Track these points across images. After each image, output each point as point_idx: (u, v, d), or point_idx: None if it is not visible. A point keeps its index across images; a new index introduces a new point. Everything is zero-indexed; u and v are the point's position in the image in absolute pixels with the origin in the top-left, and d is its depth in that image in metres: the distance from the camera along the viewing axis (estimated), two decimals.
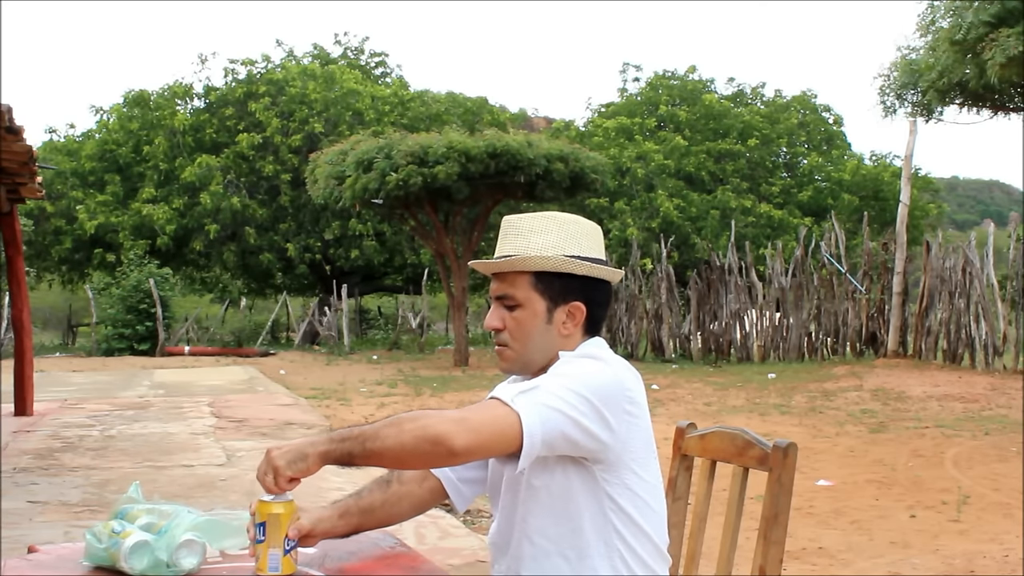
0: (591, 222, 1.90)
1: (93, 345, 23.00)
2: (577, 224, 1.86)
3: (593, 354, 1.78)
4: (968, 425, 9.14)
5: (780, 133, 28.64)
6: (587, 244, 1.84)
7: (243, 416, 10.01)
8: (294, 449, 1.63)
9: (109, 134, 26.77)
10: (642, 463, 1.75)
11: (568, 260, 1.80)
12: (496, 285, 1.85)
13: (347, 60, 30.38)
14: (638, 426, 1.73)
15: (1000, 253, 14.14)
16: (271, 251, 25.14)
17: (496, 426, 1.60)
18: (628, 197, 25.38)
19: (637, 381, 1.77)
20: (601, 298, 1.86)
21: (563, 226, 1.83)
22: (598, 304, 1.86)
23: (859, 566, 4.78)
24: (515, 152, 15.92)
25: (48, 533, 4.99)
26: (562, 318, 1.82)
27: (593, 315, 1.85)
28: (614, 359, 1.79)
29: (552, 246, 1.81)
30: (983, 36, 11.36)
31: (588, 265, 1.81)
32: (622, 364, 1.78)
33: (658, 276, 17.89)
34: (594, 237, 1.87)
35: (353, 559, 1.84)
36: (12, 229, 10.19)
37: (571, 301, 1.82)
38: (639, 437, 1.74)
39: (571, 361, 1.75)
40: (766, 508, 1.97)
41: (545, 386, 1.66)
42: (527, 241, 1.82)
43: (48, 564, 1.80)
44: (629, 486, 1.74)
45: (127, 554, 1.67)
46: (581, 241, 1.84)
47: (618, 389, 1.71)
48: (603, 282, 1.86)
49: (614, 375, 1.72)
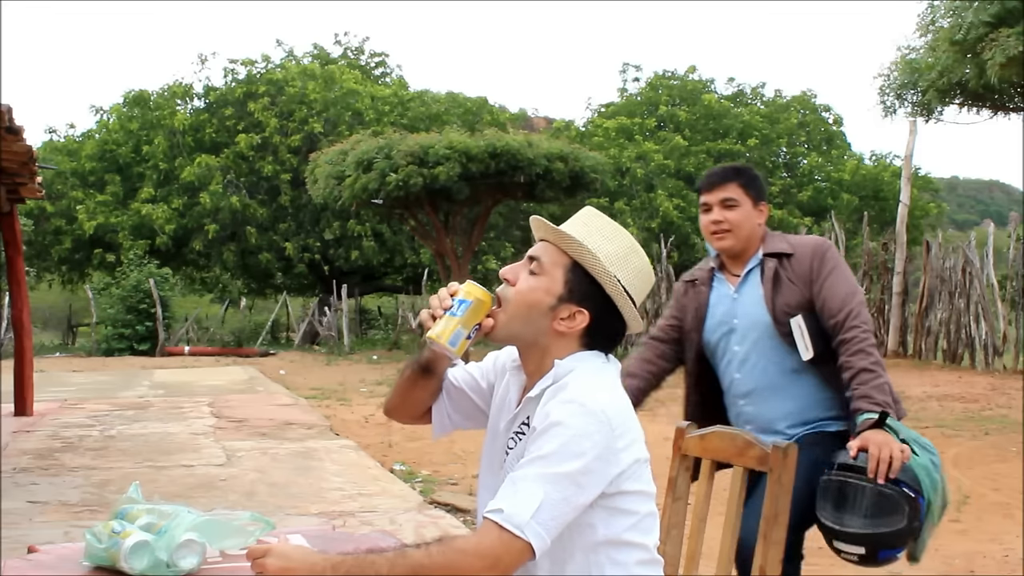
0: (651, 270, 1.89)
1: (93, 345, 22.99)
2: (640, 260, 1.85)
3: (577, 398, 1.69)
4: (968, 425, 9.14)
5: (780, 133, 28.66)
6: (636, 283, 1.82)
7: (243, 416, 10.00)
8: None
9: (109, 134, 26.77)
10: (633, 476, 1.72)
11: (612, 279, 1.78)
12: (539, 248, 1.84)
13: (347, 60, 30.37)
14: (628, 451, 1.70)
15: (1000, 253, 14.14)
16: (271, 251, 25.14)
17: (513, 561, 1.59)
18: (628, 197, 25.39)
19: (624, 408, 1.74)
20: (609, 330, 1.82)
21: (629, 255, 1.83)
22: (603, 332, 1.82)
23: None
24: (515, 152, 15.92)
25: (48, 533, 4.99)
26: (565, 314, 1.79)
27: (594, 332, 1.81)
28: (598, 392, 1.71)
29: (611, 258, 1.80)
30: (983, 36, 11.37)
31: (622, 295, 1.79)
32: (607, 397, 1.72)
33: (658, 276, 17.89)
34: (644, 281, 1.85)
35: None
36: (12, 229, 10.19)
37: (583, 306, 1.80)
38: (628, 459, 1.70)
39: (558, 425, 1.66)
40: (766, 508, 1.97)
41: (544, 489, 1.61)
42: (597, 239, 1.81)
43: (48, 564, 1.80)
44: (617, 506, 1.72)
45: (127, 554, 1.67)
46: (633, 277, 1.82)
47: (607, 444, 1.66)
48: (620, 318, 1.82)
49: (600, 427, 1.66)
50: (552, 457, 1.62)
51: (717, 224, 2.92)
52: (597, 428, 1.65)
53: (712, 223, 2.93)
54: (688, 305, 3.04)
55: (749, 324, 2.87)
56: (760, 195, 2.96)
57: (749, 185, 2.94)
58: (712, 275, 3.02)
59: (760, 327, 2.85)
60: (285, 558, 1.60)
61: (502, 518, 1.58)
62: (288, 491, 6.11)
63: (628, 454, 1.69)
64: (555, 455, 1.62)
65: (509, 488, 1.62)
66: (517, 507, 1.59)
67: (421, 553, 1.57)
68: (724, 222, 2.91)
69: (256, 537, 1.89)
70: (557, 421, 1.66)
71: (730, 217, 2.91)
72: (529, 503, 1.59)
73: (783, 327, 2.80)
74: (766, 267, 2.89)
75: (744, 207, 2.91)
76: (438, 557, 1.56)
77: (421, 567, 1.56)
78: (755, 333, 2.86)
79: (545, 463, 1.62)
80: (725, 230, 2.91)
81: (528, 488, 1.60)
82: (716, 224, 2.92)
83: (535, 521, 1.58)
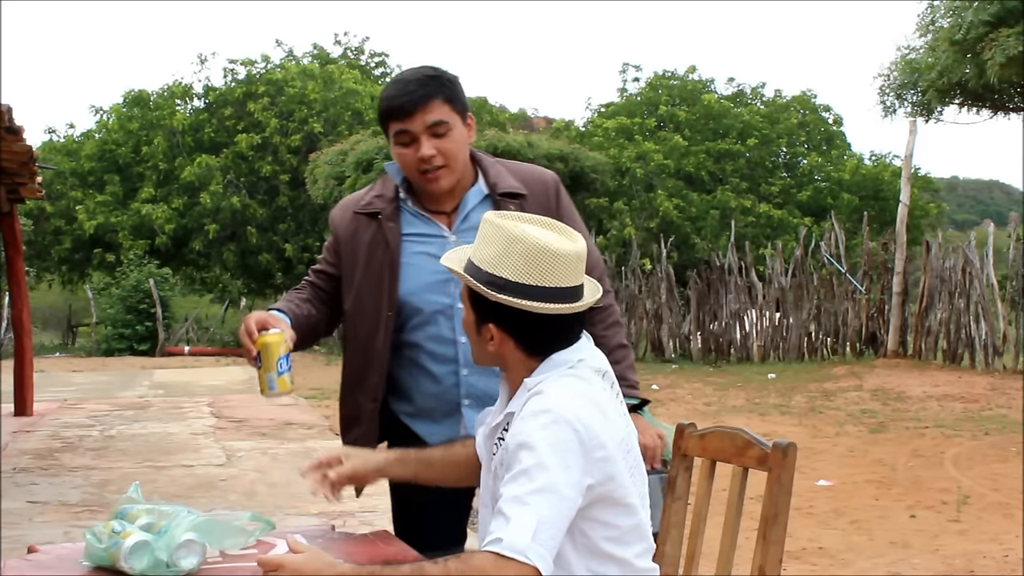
0: (550, 241, 1.71)
1: (93, 345, 22.99)
2: (524, 244, 1.69)
3: (549, 409, 1.64)
4: (968, 425, 9.14)
5: (780, 133, 28.65)
6: (526, 266, 1.68)
7: (243, 416, 10.01)
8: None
9: (109, 134, 26.78)
10: (611, 487, 1.69)
11: (482, 288, 1.70)
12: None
13: (347, 60, 30.37)
14: (607, 461, 1.67)
15: (1000, 253, 14.13)
16: (270, 251, 25.15)
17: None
18: (628, 197, 25.37)
19: (597, 415, 1.69)
20: (538, 328, 1.72)
21: (511, 246, 1.69)
22: (534, 333, 1.73)
23: (859, 566, 4.78)
24: (516, 152, 15.90)
25: (48, 533, 4.99)
26: (488, 336, 1.76)
27: (526, 337, 1.74)
28: (569, 400, 1.66)
29: (490, 262, 1.71)
30: (983, 36, 11.37)
31: (512, 297, 1.68)
32: (578, 404, 1.67)
33: (658, 276, 17.86)
34: (537, 259, 1.68)
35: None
36: (12, 229, 10.20)
37: (491, 322, 1.74)
38: (605, 469, 1.67)
39: (533, 440, 1.62)
40: (766, 508, 1.97)
41: (535, 509, 1.57)
42: (472, 251, 1.77)
43: (48, 564, 1.80)
44: (602, 520, 1.70)
45: (127, 554, 1.68)
46: (523, 263, 1.68)
47: (584, 452, 1.63)
48: (537, 313, 1.70)
49: (574, 435, 1.62)
50: (534, 473, 1.60)
51: (429, 161, 2.23)
52: (571, 437, 1.62)
53: (421, 161, 2.23)
54: (358, 249, 2.34)
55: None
56: (465, 105, 2.29)
57: (454, 96, 2.25)
58: (399, 207, 2.35)
59: None
60: (299, 572, 1.59)
61: (502, 547, 1.55)
62: (288, 491, 6.11)
63: (606, 464, 1.67)
64: (536, 471, 1.60)
65: (501, 516, 1.59)
66: (514, 533, 1.56)
67: (439, 568, 1.56)
68: (438, 156, 2.23)
69: (256, 537, 1.89)
70: (526, 437, 1.63)
71: (445, 148, 2.23)
72: (526, 527, 1.56)
73: None
74: (504, 210, 2.22)
75: (456, 129, 2.25)
76: (456, 572, 1.55)
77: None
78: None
79: (529, 482, 1.60)
80: (441, 166, 2.24)
81: (519, 512, 1.58)
82: (428, 161, 2.23)
83: (536, 543, 1.56)
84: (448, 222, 2.33)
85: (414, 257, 2.29)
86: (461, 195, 2.33)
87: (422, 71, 2.27)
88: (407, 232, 2.32)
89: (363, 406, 2.36)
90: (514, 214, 1.80)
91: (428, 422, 2.36)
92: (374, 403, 2.35)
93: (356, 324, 2.35)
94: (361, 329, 2.33)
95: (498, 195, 2.32)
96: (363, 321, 2.32)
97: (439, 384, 2.31)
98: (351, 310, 2.35)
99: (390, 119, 2.25)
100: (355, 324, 2.35)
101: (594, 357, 1.80)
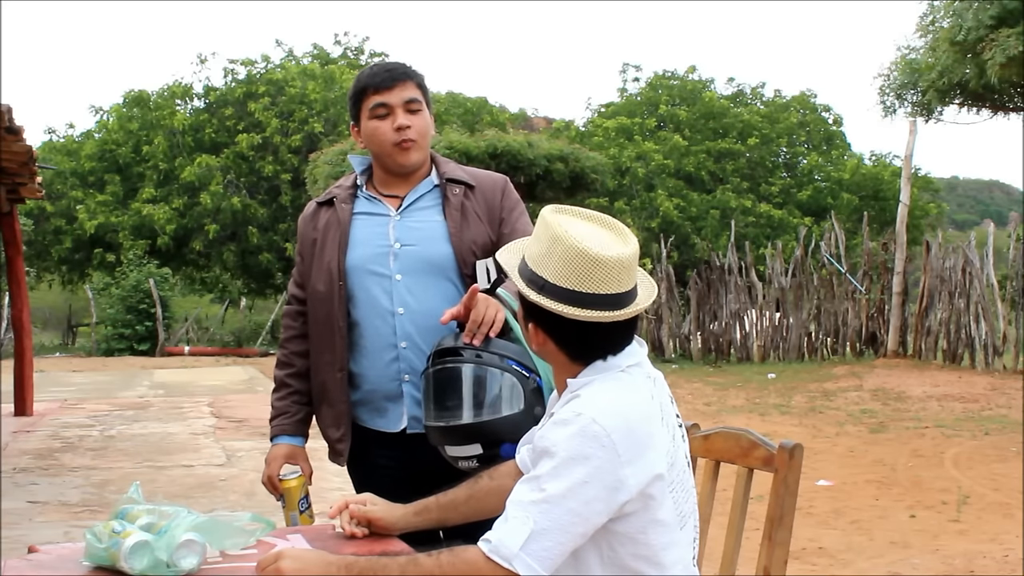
0: (590, 246, 1.63)
1: (93, 345, 22.99)
2: (564, 245, 1.63)
3: (577, 419, 1.58)
4: (968, 425, 9.13)
5: (780, 133, 28.65)
6: (565, 270, 1.62)
7: (243, 416, 10.00)
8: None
9: (109, 134, 26.76)
10: (644, 504, 1.63)
11: (528, 281, 1.67)
12: None
13: (347, 60, 30.35)
14: (638, 476, 1.60)
15: (1000, 253, 14.14)
16: (271, 251, 25.14)
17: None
18: (628, 197, 25.37)
19: (637, 427, 1.62)
20: (566, 332, 1.67)
21: (552, 246, 1.64)
22: (572, 336, 1.67)
23: (859, 566, 4.77)
24: (516, 152, 15.89)
25: (48, 533, 4.99)
26: (532, 333, 1.73)
27: (565, 340, 1.69)
28: (605, 411, 1.59)
29: (536, 259, 1.67)
30: (983, 36, 11.37)
31: (549, 299, 1.63)
32: (614, 416, 1.59)
33: (658, 276, 17.85)
34: (574, 262, 1.62)
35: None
36: (12, 229, 10.20)
37: (530, 321, 1.71)
38: (637, 485, 1.61)
39: (551, 447, 1.59)
40: (771, 509, 1.96)
41: (533, 518, 1.55)
42: (531, 242, 1.72)
43: (48, 564, 1.80)
44: (631, 536, 1.64)
45: (127, 554, 1.67)
46: (561, 267, 1.62)
47: (610, 469, 1.57)
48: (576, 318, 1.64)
49: (602, 451, 1.56)
50: (545, 481, 1.57)
51: (405, 131, 2.36)
52: (596, 451, 1.56)
53: (399, 130, 2.36)
54: (316, 233, 2.48)
55: (418, 257, 2.37)
56: (430, 101, 2.49)
57: (424, 87, 2.45)
58: (355, 193, 2.49)
59: (434, 262, 2.37)
60: (299, 560, 1.61)
61: (490, 548, 1.55)
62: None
63: (637, 479, 1.59)
64: (547, 479, 1.57)
65: (504, 514, 1.59)
66: (505, 537, 1.55)
67: (432, 561, 1.57)
68: (412, 128, 2.37)
69: (256, 537, 1.89)
70: (550, 443, 1.60)
71: (418, 124, 2.39)
72: (518, 534, 1.54)
73: (467, 268, 2.37)
74: (451, 194, 2.42)
75: (426, 112, 2.43)
76: (448, 568, 1.56)
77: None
78: (422, 267, 2.37)
79: (538, 489, 1.57)
80: (413, 139, 2.38)
81: (518, 517, 1.56)
82: (404, 131, 2.36)
83: (524, 552, 1.53)
84: (397, 205, 2.44)
85: (360, 232, 2.42)
86: (416, 183, 2.46)
87: (397, 61, 2.49)
88: (358, 211, 2.45)
89: (330, 375, 2.46)
90: (576, 209, 1.74)
91: (373, 414, 2.46)
92: (341, 372, 2.45)
93: (314, 299, 2.46)
94: (319, 304, 2.44)
95: (446, 180, 2.46)
96: (320, 296, 2.44)
97: (379, 359, 2.40)
98: (311, 287, 2.47)
99: (369, 93, 2.40)
100: (313, 299, 2.46)
101: (647, 363, 1.75)
